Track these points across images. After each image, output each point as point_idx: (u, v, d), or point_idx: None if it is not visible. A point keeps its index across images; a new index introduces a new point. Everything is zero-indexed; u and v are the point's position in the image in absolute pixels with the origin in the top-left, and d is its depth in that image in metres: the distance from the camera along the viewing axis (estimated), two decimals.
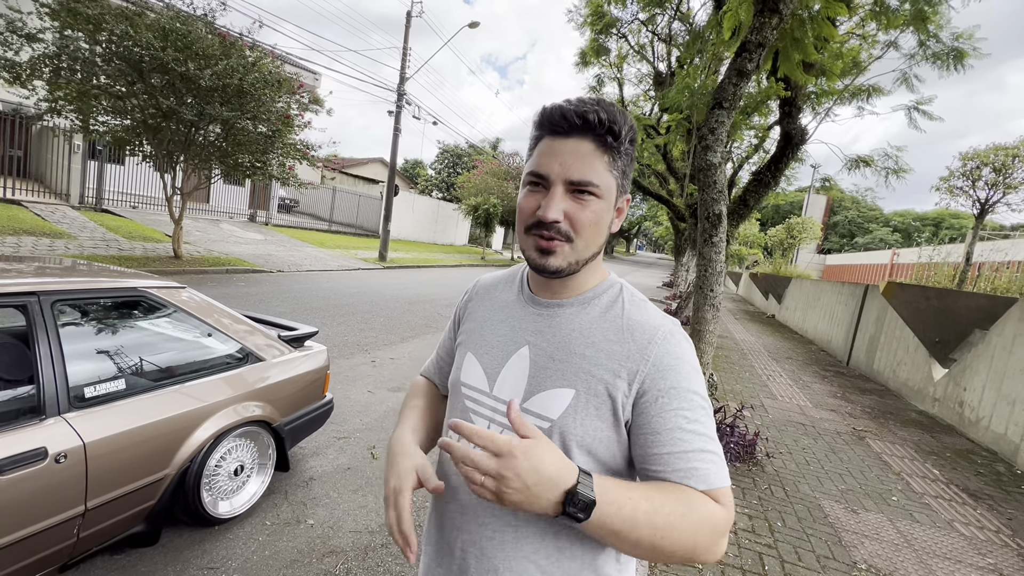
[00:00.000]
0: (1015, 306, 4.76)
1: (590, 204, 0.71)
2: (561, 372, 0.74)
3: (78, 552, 1.80)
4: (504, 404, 0.78)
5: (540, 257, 0.73)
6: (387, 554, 2.31)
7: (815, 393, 6.26)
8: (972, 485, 3.82)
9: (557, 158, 0.71)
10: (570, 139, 0.71)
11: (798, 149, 6.86)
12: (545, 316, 0.80)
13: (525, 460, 0.58)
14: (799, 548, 2.70)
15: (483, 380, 0.82)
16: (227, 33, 9.10)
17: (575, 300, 0.80)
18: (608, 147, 0.72)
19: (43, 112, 8.52)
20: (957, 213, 46.07)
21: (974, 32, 6.62)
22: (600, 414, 0.72)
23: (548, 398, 0.74)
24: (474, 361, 0.84)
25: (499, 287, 0.92)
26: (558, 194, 0.71)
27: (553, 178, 0.71)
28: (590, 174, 0.70)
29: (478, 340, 0.86)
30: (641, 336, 0.73)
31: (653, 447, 0.69)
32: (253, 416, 2.37)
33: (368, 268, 14.64)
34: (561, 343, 0.76)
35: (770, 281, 16.46)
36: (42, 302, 1.76)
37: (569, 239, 0.72)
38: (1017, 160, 13.03)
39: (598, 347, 0.74)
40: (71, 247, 9.37)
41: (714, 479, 0.67)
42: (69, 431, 1.69)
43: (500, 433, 0.74)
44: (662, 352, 0.72)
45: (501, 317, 0.86)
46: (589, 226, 0.72)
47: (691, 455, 0.67)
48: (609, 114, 0.70)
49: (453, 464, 0.74)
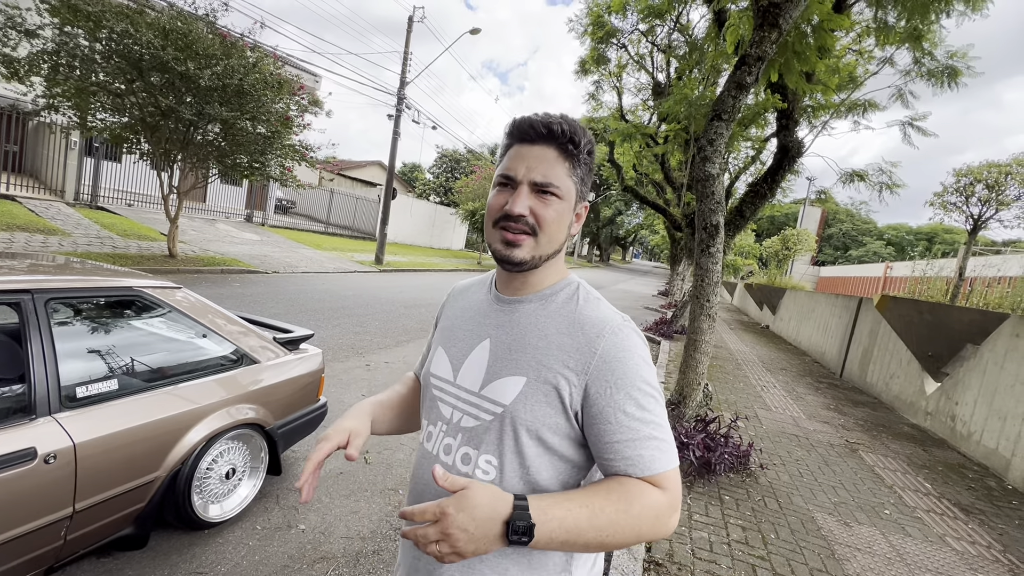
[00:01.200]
0: (1007, 322, 4.80)
1: (552, 203, 0.79)
2: (515, 362, 0.80)
3: (64, 555, 1.77)
4: (465, 392, 0.84)
5: (505, 249, 0.80)
6: (379, 561, 2.29)
7: (809, 405, 6.28)
8: (964, 499, 3.83)
9: (524, 162, 0.79)
10: (536, 146, 0.80)
11: (794, 161, 6.91)
12: (507, 311, 0.87)
13: (459, 513, 0.62)
14: (792, 561, 2.69)
15: (448, 370, 0.89)
16: (228, 33, 9.10)
17: (534, 296, 0.86)
18: (569, 154, 0.80)
19: (40, 108, 8.49)
20: (950, 228, 46.55)
21: (968, 51, 6.73)
22: (549, 401, 0.76)
23: (502, 385, 0.80)
24: (442, 354, 0.92)
25: (471, 290, 1.00)
26: (524, 192, 0.79)
27: (520, 178, 0.79)
28: (552, 176, 0.79)
29: (448, 336, 0.93)
30: (591, 330, 0.78)
31: (604, 435, 0.74)
32: (246, 419, 2.35)
33: (364, 271, 14.60)
34: (518, 336, 0.83)
35: (765, 292, 16.54)
36: (35, 300, 1.74)
37: (533, 232, 0.79)
38: (1009, 177, 13.19)
39: (550, 339, 0.80)
40: (65, 244, 9.30)
41: (657, 464, 0.73)
42: (59, 431, 1.67)
43: (459, 420, 0.84)
44: (609, 345, 0.76)
45: (470, 315, 0.93)
46: (551, 222, 0.79)
47: (638, 443, 0.73)
48: (570, 126, 0.79)
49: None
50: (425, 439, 0.89)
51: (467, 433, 0.82)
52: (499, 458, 0.78)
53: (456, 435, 0.83)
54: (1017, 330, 4.61)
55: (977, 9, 4.88)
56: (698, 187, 3.83)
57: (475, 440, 0.80)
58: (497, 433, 0.79)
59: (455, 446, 0.82)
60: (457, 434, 0.83)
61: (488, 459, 0.79)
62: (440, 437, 0.85)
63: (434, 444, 0.85)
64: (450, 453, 0.82)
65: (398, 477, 3.08)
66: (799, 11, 3.52)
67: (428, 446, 0.87)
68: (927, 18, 4.42)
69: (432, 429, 0.88)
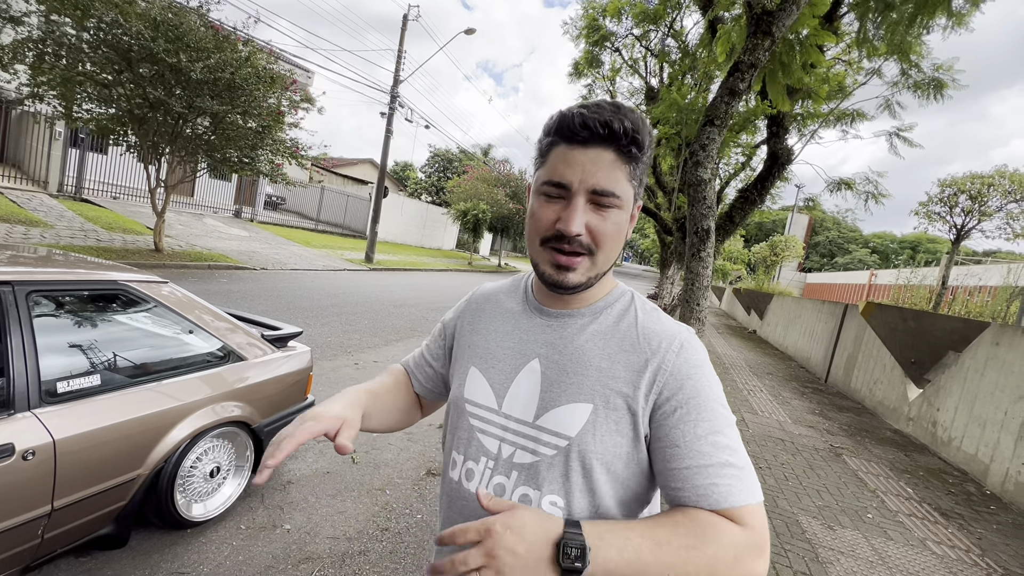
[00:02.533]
0: (987, 330, 4.89)
1: (611, 215, 0.68)
2: (577, 386, 0.71)
3: (41, 554, 1.73)
4: (515, 422, 0.73)
5: (557, 273, 0.70)
6: (365, 562, 2.26)
7: (794, 409, 6.35)
8: (944, 504, 3.90)
9: (578, 167, 0.67)
10: (590, 148, 0.67)
11: (784, 169, 7.02)
12: (555, 327, 0.77)
13: (507, 532, 0.55)
14: (777, 564, 2.72)
15: (490, 397, 0.77)
16: (220, 27, 8.99)
17: (586, 311, 0.76)
18: (631, 158, 0.68)
19: (24, 97, 8.31)
20: (933, 238, 47.47)
21: (953, 64, 6.88)
22: (620, 429, 0.68)
23: (564, 414, 0.70)
24: (479, 376, 0.79)
25: (500, 297, 0.88)
26: (580, 205, 0.67)
27: (575, 188, 0.67)
28: (614, 185, 0.67)
29: (482, 354, 0.81)
30: (658, 345, 0.70)
31: (672, 461, 0.65)
32: (232, 417, 2.32)
33: (354, 269, 14.50)
34: (574, 355, 0.73)
35: (753, 297, 16.72)
36: (16, 292, 1.70)
37: (591, 252, 0.69)
38: (992, 189, 13.50)
39: (614, 358, 0.71)
40: (47, 236, 9.12)
41: (736, 496, 0.62)
42: (39, 427, 1.63)
43: (510, 455, 0.72)
44: (680, 361, 0.69)
45: (506, 329, 0.81)
46: (610, 238, 0.69)
47: (711, 470, 0.63)
48: (633, 123, 0.66)
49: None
50: (464, 477, 0.76)
51: (524, 471, 0.71)
52: (566, 498, 0.69)
53: (509, 473, 0.72)
54: (997, 338, 4.71)
55: (962, 24, 4.99)
56: (690, 191, 3.86)
57: (535, 479, 0.70)
58: (562, 469, 0.69)
59: (509, 486, 0.72)
60: (511, 472, 0.72)
61: (553, 500, 0.69)
62: (487, 475, 0.74)
63: (479, 484, 0.74)
64: (504, 494, 0.72)
65: (385, 477, 3.05)
66: (792, 20, 3.57)
67: (470, 486, 0.75)
68: (911, 32, 4.52)
69: (473, 466, 0.75)
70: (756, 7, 3.64)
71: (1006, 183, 13.42)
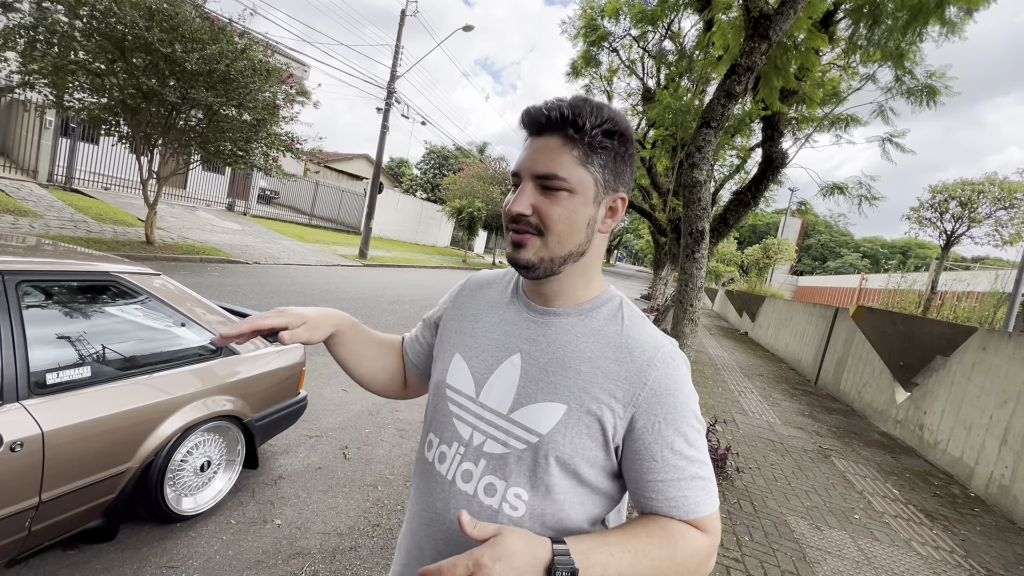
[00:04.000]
0: (975, 335, 4.96)
1: (560, 199, 0.70)
2: (554, 386, 0.72)
3: (28, 547, 1.71)
4: (491, 413, 0.75)
5: (513, 250, 0.73)
6: (355, 557, 2.26)
7: (784, 411, 6.41)
8: (929, 506, 3.95)
9: (528, 155, 0.71)
10: (541, 136, 0.72)
11: (778, 172, 7.05)
12: (540, 324, 0.77)
13: (496, 563, 0.54)
14: (765, 563, 2.74)
15: (470, 385, 0.79)
16: (216, 18, 8.90)
17: (572, 310, 0.77)
18: (573, 140, 0.70)
19: (15, 85, 8.19)
20: (923, 243, 48.03)
21: (946, 71, 6.95)
22: (591, 433, 0.70)
23: (537, 411, 0.71)
24: (462, 363, 0.81)
25: (493, 286, 0.89)
26: (527, 189, 0.71)
27: (523, 173, 0.72)
28: (555, 167, 0.69)
29: (468, 341, 0.83)
30: (640, 357, 0.71)
31: (648, 473, 0.68)
32: (223, 411, 2.30)
33: (348, 265, 14.43)
34: (556, 355, 0.74)
35: (745, 299, 16.83)
36: (6, 282, 1.68)
37: (540, 233, 0.71)
38: (982, 196, 13.66)
39: (594, 364, 0.72)
40: (37, 226, 9.00)
41: (702, 507, 0.68)
42: (27, 418, 1.61)
43: (480, 444, 0.74)
44: (661, 376, 0.70)
45: (493, 320, 0.83)
46: (559, 220, 0.70)
47: (683, 483, 0.68)
48: (573, 108, 0.69)
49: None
50: (437, 459, 0.79)
51: (492, 460, 0.73)
52: (530, 491, 0.71)
53: (477, 460, 0.74)
54: (984, 343, 4.78)
55: (954, 32, 5.04)
56: (685, 193, 3.88)
57: (502, 470, 0.72)
58: (530, 464, 0.71)
59: (476, 473, 0.74)
60: (479, 460, 0.74)
61: (517, 492, 0.71)
62: (456, 460, 0.76)
63: (449, 468, 0.76)
64: (470, 481, 0.74)
65: (377, 473, 3.05)
66: (789, 24, 3.59)
67: (441, 468, 0.78)
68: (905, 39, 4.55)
69: (446, 449, 0.78)
70: (754, 10, 3.66)
71: (996, 190, 13.60)
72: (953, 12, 4.53)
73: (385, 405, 4.15)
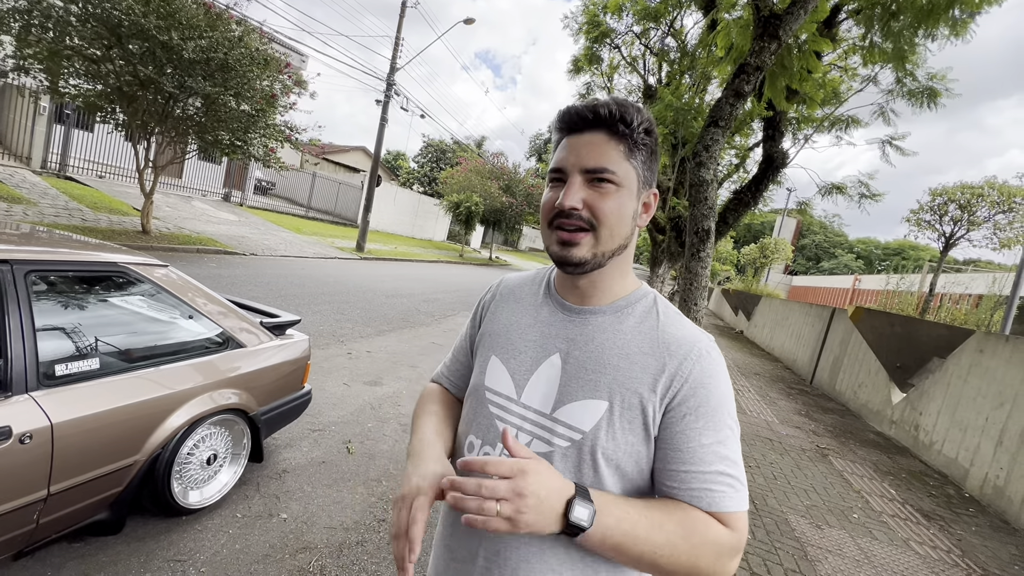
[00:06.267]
0: (972, 337, 5.01)
1: (609, 192, 0.72)
2: (594, 383, 0.73)
3: (36, 539, 1.70)
4: (533, 413, 0.76)
5: (562, 249, 0.73)
6: (362, 552, 2.26)
7: (781, 410, 6.45)
8: (925, 506, 3.99)
9: (573, 151, 0.73)
10: (584, 134, 0.73)
11: (779, 172, 7.07)
12: (577, 323, 0.78)
13: (535, 476, 0.60)
14: (768, 561, 2.77)
15: (510, 386, 0.79)
16: (213, 5, 8.77)
17: (608, 308, 0.78)
18: (621, 135, 0.72)
19: (8, 69, 8.05)
20: (916, 245, 48.42)
21: (947, 73, 6.97)
22: (632, 428, 0.71)
23: (579, 409, 0.72)
24: (500, 366, 0.82)
25: (525, 288, 0.90)
26: (576, 183, 0.72)
27: (569, 169, 0.73)
28: (604, 161, 0.71)
29: (504, 343, 0.83)
30: (678, 351, 0.72)
31: (672, 463, 0.69)
32: (230, 404, 2.29)
33: (345, 258, 14.36)
34: (594, 353, 0.75)
35: (741, 298, 16.91)
36: (15, 272, 1.65)
37: (592, 227, 0.72)
38: (981, 199, 13.76)
39: (633, 359, 0.73)
40: (30, 214, 8.88)
41: (728, 503, 0.68)
42: (36, 410, 1.59)
43: (526, 444, 0.75)
44: (699, 370, 0.71)
45: (528, 321, 0.83)
46: (610, 214, 0.72)
47: (708, 476, 0.68)
48: (620, 107, 0.72)
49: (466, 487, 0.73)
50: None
51: None
52: None
53: None
54: (981, 346, 4.82)
55: (959, 34, 5.06)
56: (692, 192, 3.88)
57: None
58: (575, 462, 0.72)
59: None
60: None
61: None
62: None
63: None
64: None
65: (381, 468, 3.04)
66: (799, 23, 3.58)
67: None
68: (913, 40, 4.56)
69: (490, 450, 0.78)
70: (764, 10, 3.65)
71: (995, 194, 13.70)
72: (958, 13, 4.54)
73: (387, 400, 4.14)
